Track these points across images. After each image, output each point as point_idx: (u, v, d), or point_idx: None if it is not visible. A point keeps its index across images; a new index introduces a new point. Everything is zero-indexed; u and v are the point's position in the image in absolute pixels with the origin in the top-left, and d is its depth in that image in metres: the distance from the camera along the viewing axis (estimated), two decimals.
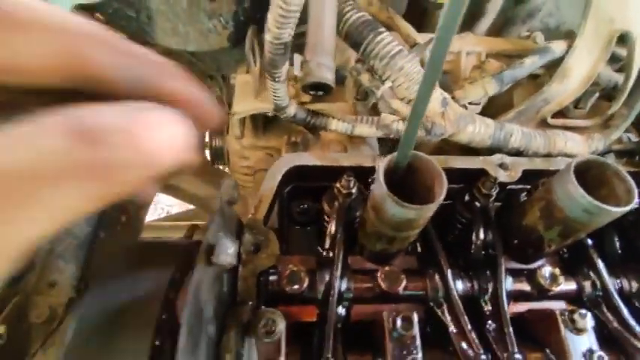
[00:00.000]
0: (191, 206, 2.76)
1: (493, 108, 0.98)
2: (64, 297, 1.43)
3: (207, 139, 2.07)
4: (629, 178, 0.61)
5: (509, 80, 0.87)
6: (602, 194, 0.62)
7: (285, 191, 0.90)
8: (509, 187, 0.86)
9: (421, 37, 0.93)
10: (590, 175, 0.63)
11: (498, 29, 1.18)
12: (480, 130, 0.85)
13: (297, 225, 0.96)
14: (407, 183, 0.61)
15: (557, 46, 0.88)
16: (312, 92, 0.75)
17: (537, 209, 0.68)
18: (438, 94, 0.83)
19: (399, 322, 0.62)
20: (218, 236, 0.48)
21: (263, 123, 1.39)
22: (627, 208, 0.58)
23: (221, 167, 1.87)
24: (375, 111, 0.96)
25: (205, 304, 0.53)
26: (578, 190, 0.59)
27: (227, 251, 0.48)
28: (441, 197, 0.56)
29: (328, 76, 0.72)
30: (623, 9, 0.85)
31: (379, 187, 0.57)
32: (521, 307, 0.75)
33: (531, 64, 0.87)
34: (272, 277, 0.71)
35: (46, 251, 1.47)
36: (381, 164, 0.57)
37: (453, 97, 0.85)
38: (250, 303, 0.67)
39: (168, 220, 2.48)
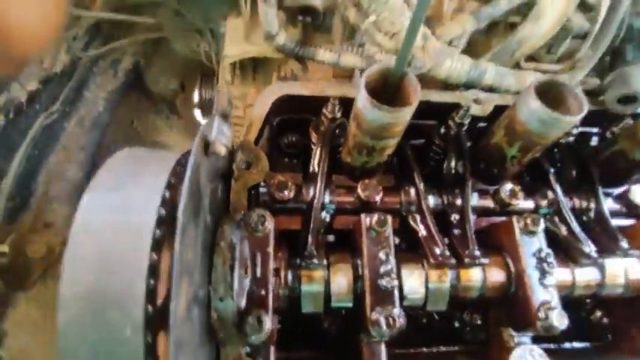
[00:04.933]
0: None
1: (473, 53, 1.04)
2: (61, 236, 1.48)
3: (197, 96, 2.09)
4: (581, 94, 0.69)
5: (486, 17, 0.93)
6: (560, 112, 0.70)
7: (275, 123, 0.96)
8: (480, 124, 0.94)
9: None
10: (550, 95, 0.71)
11: None
12: (456, 65, 0.92)
13: (284, 157, 1.03)
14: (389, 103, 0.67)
15: None
16: (300, 18, 0.80)
17: (502, 128, 0.76)
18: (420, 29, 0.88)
19: (374, 221, 0.70)
20: (215, 121, 0.53)
21: (252, 70, 1.43)
22: (576, 118, 0.66)
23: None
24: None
25: (203, 193, 0.60)
26: (536, 102, 0.66)
27: (224, 132, 0.54)
28: (415, 102, 0.63)
29: (316, 2, 0.77)
30: None
31: (361, 94, 0.64)
32: (483, 221, 0.84)
33: (507, 3, 0.93)
34: (262, 189, 0.78)
35: (40, 194, 1.51)
36: (365, 73, 0.64)
37: (433, 34, 0.91)
38: (243, 212, 0.74)
39: None
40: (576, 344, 0.86)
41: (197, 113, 2.34)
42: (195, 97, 2.23)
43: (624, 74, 0.94)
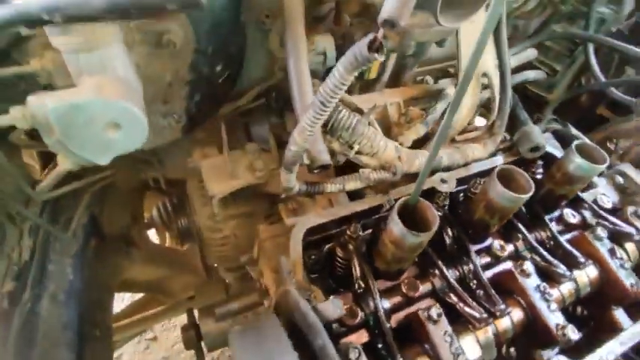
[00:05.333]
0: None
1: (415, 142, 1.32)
2: None
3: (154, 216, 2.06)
4: (525, 174, 0.98)
5: (431, 122, 1.22)
6: (513, 187, 0.98)
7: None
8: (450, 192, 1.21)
9: (358, 100, 1.21)
10: (506, 176, 0.99)
11: (395, 77, 1.55)
12: (422, 160, 1.18)
13: (311, 273, 1.15)
14: (403, 218, 0.87)
15: (450, 89, 1.27)
16: (315, 171, 0.97)
17: (482, 207, 1.03)
18: (391, 144, 1.13)
19: (433, 314, 0.88)
20: (332, 300, 0.67)
21: (231, 195, 1.53)
22: (530, 194, 0.95)
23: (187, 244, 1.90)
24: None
25: None
26: (504, 190, 0.94)
27: (339, 306, 0.68)
28: (436, 224, 0.84)
29: (327, 158, 0.95)
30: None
31: (397, 226, 0.83)
32: (488, 274, 1.09)
33: (441, 107, 1.24)
34: None
35: None
36: (394, 209, 0.83)
37: (400, 144, 1.16)
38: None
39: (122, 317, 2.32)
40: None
41: (152, 234, 2.29)
42: (154, 217, 2.18)
43: (526, 132, 1.31)
